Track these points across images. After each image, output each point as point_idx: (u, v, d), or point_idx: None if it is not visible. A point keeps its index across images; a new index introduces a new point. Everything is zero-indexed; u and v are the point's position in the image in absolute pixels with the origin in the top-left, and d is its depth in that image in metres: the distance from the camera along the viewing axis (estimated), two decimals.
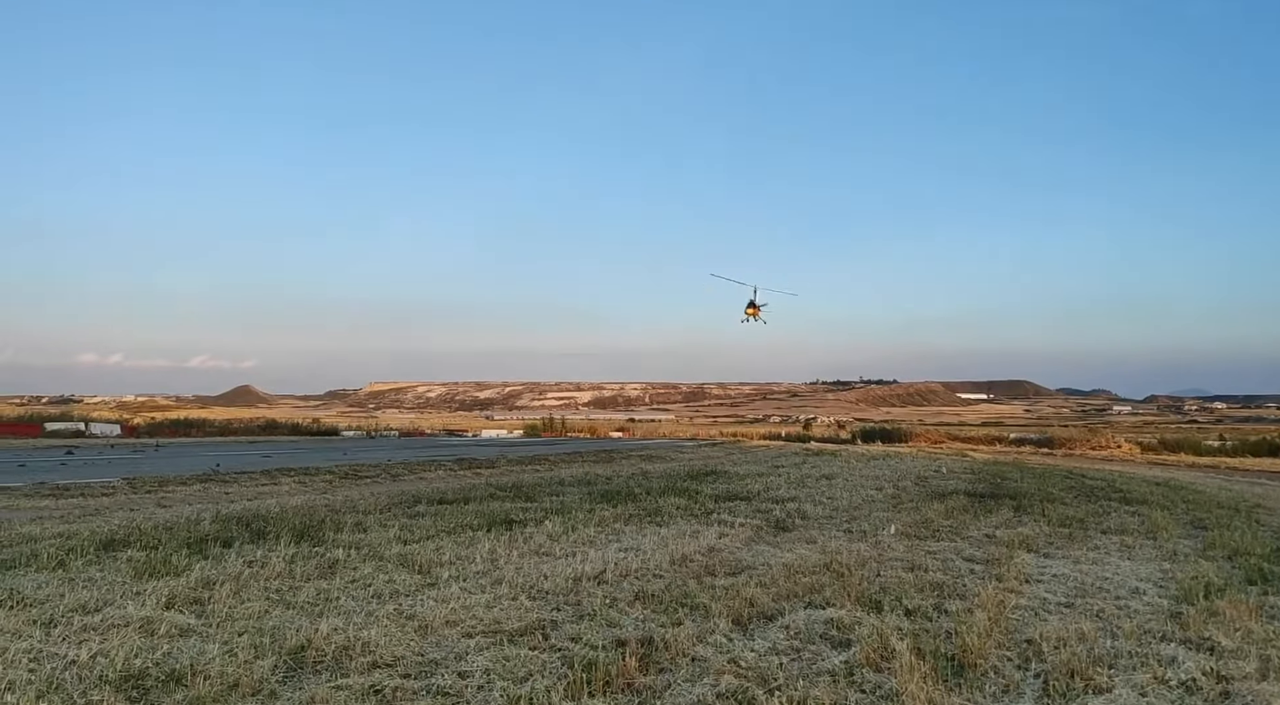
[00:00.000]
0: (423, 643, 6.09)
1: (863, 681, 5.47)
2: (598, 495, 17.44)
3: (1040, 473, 31.76)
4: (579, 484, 21.00)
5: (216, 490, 18.72)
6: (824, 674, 5.60)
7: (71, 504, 15.22)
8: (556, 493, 18.29)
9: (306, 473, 24.35)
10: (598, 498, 16.88)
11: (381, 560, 9.35)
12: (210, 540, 10.29)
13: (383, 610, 6.91)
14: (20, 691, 4.71)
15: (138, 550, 9.45)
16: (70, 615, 6.47)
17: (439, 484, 21.29)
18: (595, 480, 22.44)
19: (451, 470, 27.54)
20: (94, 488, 18.32)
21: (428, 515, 13.65)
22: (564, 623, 6.76)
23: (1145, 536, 13.17)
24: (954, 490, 21.20)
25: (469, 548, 10.30)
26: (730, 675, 5.49)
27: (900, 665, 5.63)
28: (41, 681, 4.91)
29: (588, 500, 16.34)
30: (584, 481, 21.90)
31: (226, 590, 7.40)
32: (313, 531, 11.34)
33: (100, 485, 18.90)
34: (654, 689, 5.30)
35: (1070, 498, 19.83)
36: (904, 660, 5.69)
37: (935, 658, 5.89)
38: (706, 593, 7.97)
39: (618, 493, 17.94)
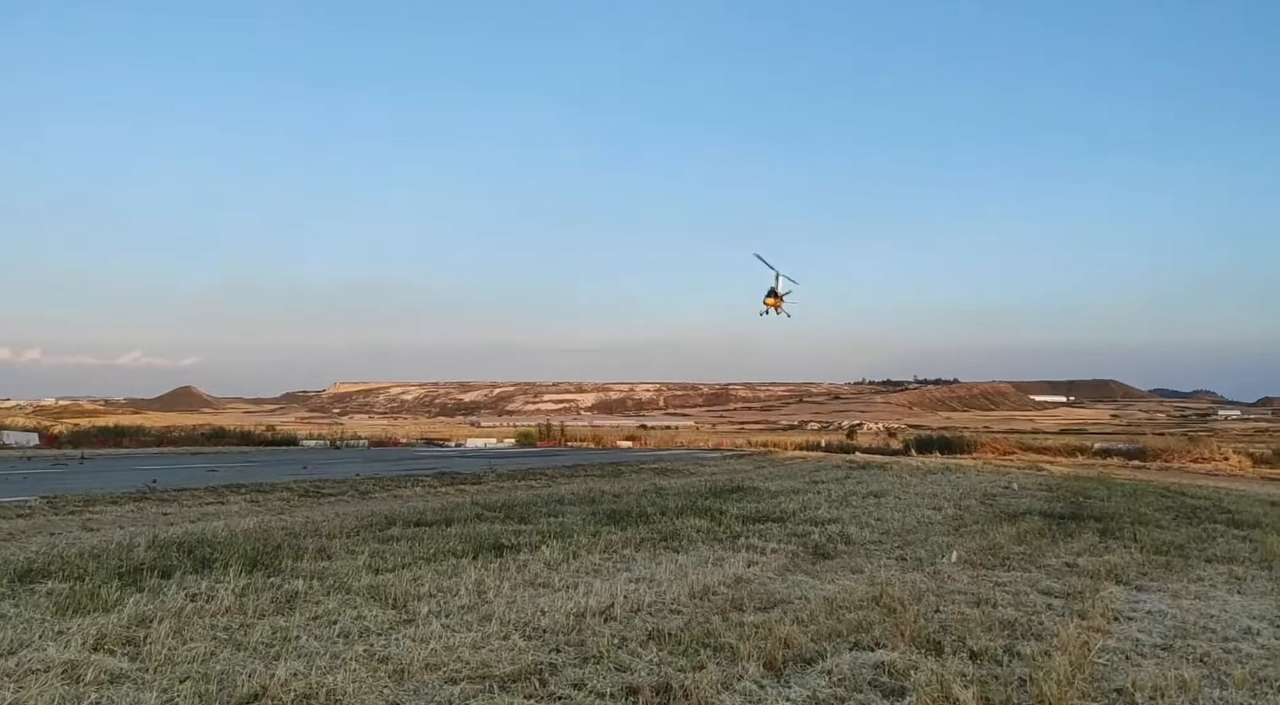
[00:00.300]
0: (398, 690, 6.12)
1: None
2: (603, 516, 17.48)
3: (1131, 490, 31.67)
4: (581, 502, 21.05)
5: (153, 510, 18.79)
6: None
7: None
8: (555, 513, 18.34)
9: (260, 489, 24.41)
10: (603, 519, 16.91)
11: (349, 593, 9.38)
12: (146, 570, 10.33)
13: (350, 651, 6.93)
14: None
15: (60, 582, 9.50)
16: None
17: (416, 503, 21.35)
18: (601, 498, 22.48)
19: (431, 486, 27.59)
20: (7, 508, 18.40)
21: (403, 539, 13.70)
22: (565, 666, 6.78)
23: (1259, 566, 13.12)
24: (1027, 510, 21.17)
25: (452, 578, 10.34)
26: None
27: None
28: None
29: (592, 522, 16.38)
30: (587, 499, 21.95)
31: (165, 628, 7.43)
32: (267, 559, 11.39)
33: (14, 504, 18.99)
34: None
35: (1167, 519, 19.79)
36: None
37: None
38: (733, 631, 7.97)
39: (627, 513, 17.97)
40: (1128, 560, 13.28)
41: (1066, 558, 13.47)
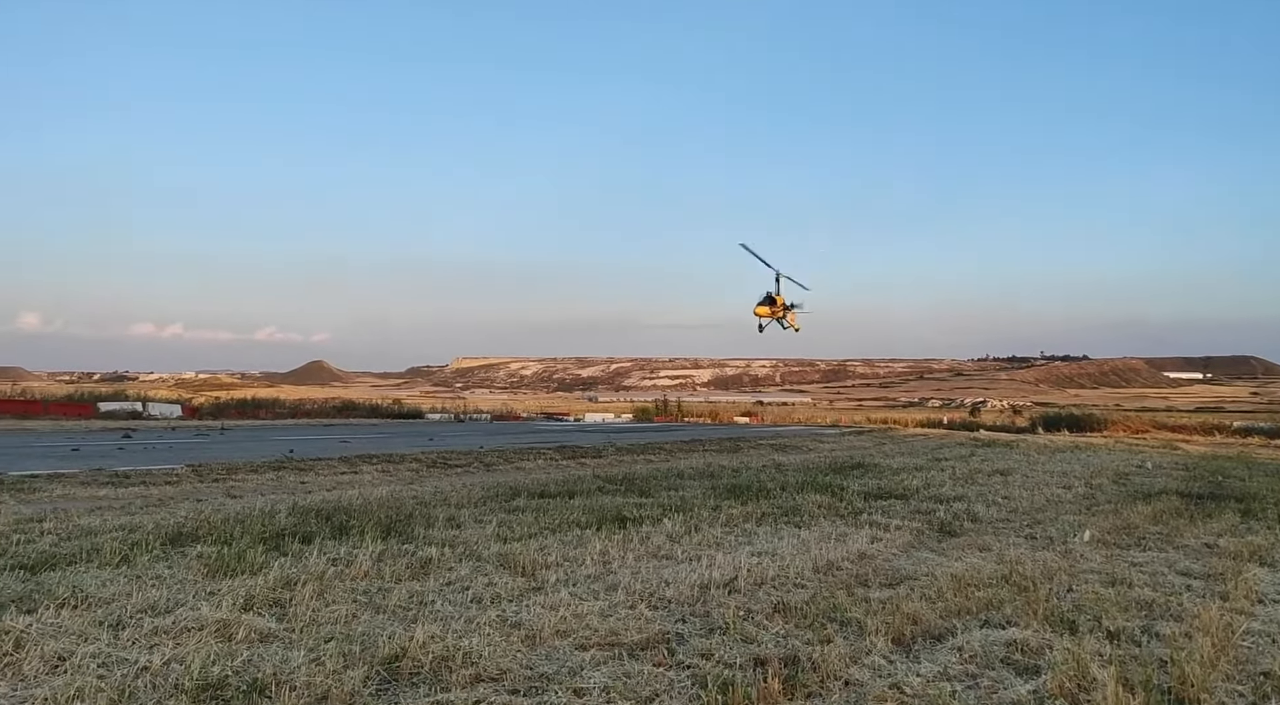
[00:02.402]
0: (531, 655, 6.26)
1: None
2: (723, 490, 17.51)
3: (1274, 469, 30.24)
4: (701, 477, 21.12)
5: (291, 479, 19.57)
6: None
7: (133, 493, 16.13)
8: (675, 487, 18.45)
9: (390, 460, 25.17)
10: (723, 493, 16.95)
11: (479, 560, 9.63)
12: (288, 535, 10.76)
13: (484, 617, 7.12)
14: (90, 700, 5.04)
15: (208, 545, 9.96)
16: (139, 616, 6.87)
17: (539, 475, 21.74)
18: (720, 473, 22.52)
19: (552, 459, 28.04)
20: (156, 475, 19.36)
21: (528, 510, 13.97)
22: (691, 636, 6.83)
23: None
24: (1162, 489, 20.41)
25: (577, 548, 10.50)
26: (893, 703, 5.45)
27: (1103, 698, 5.48)
28: (112, 689, 5.23)
29: (712, 496, 16.43)
30: (706, 474, 22.02)
31: (309, 591, 7.74)
32: (401, 527, 11.76)
33: (163, 473, 19.97)
34: None
35: None
36: (1108, 691, 5.53)
37: (1147, 690, 5.70)
38: (859, 606, 7.92)
39: (747, 488, 17.96)
40: (1272, 541, 12.70)
41: (1206, 538, 12.97)
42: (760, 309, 43.87)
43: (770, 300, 43.58)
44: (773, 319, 43.95)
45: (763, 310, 43.90)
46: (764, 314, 43.99)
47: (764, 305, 43.82)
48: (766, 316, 43.98)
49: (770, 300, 43.58)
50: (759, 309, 43.54)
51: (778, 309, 43.71)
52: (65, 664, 5.68)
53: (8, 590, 7.56)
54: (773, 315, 43.65)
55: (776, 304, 43.55)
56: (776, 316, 43.72)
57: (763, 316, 44.11)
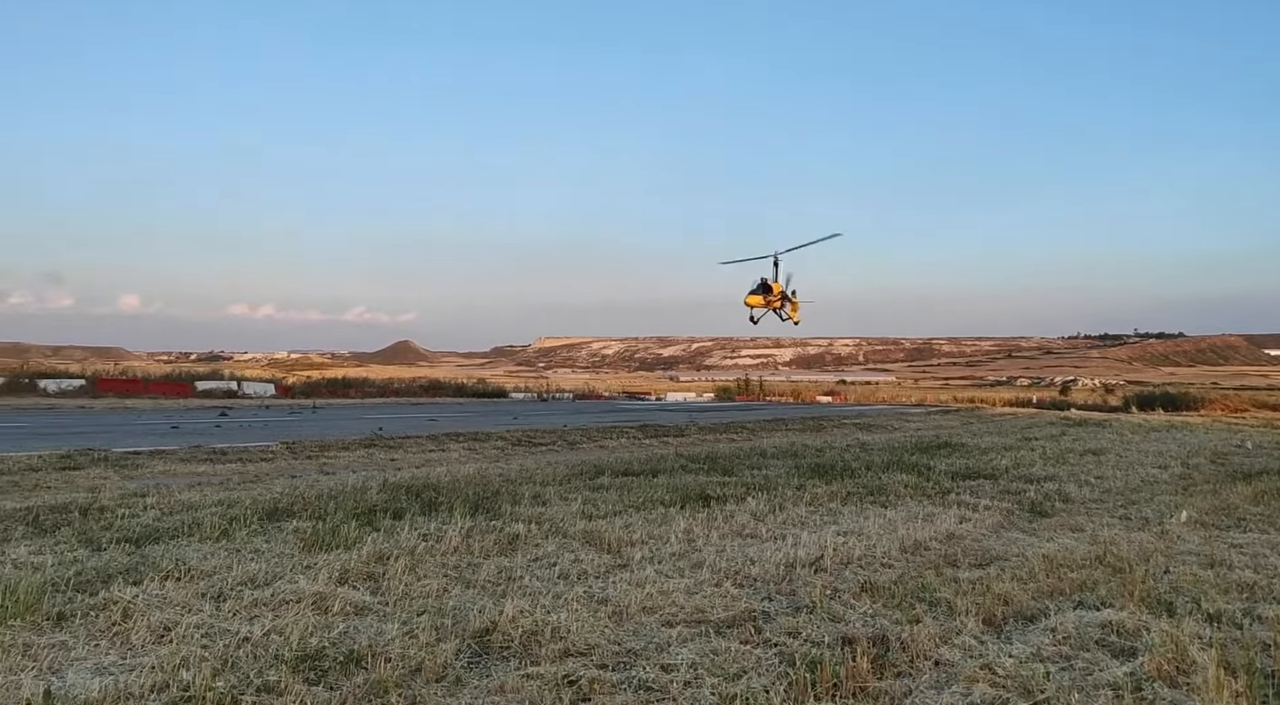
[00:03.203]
0: (618, 631, 6.31)
1: (1155, 698, 5.22)
2: (807, 469, 17.41)
3: None
4: (784, 456, 21.04)
5: (381, 456, 19.99)
6: (1104, 687, 5.38)
7: (230, 469, 16.64)
8: (758, 465, 18.41)
9: (476, 438, 25.53)
10: (807, 472, 16.85)
11: (565, 537, 9.73)
12: (379, 511, 11.00)
13: (571, 592, 7.19)
14: (195, 668, 5.20)
15: (304, 520, 10.22)
16: (240, 589, 7.07)
17: (622, 453, 21.86)
18: (803, 452, 22.41)
19: (635, 438, 28.18)
20: (252, 452, 19.91)
21: (612, 488, 14.06)
22: (778, 615, 6.82)
23: None
24: (1264, 469, 19.77)
25: (661, 526, 10.54)
26: (985, 684, 5.38)
27: (1204, 681, 5.34)
28: (216, 659, 5.40)
29: (796, 475, 16.35)
30: (790, 453, 21.92)
31: (401, 566, 7.90)
32: (488, 503, 11.93)
33: (258, 449, 20.53)
34: (892, 695, 5.27)
35: None
36: (1208, 675, 5.38)
37: (1249, 674, 5.53)
38: (948, 586, 7.82)
39: (831, 467, 17.84)
40: None
41: None
42: (752, 298, 39.27)
43: (765, 288, 39.04)
44: (768, 309, 39.64)
45: (755, 299, 39.28)
46: (756, 304, 39.35)
47: (756, 294, 39.20)
48: (760, 307, 39.41)
49: (765, 288, 39.04)
50: (750, 298, 39.09)
51: (774, 298, 39.27)
52: (170, 634, 5.88)
53: (115, 563, 7.84)
54: (768, 305, 39.30)
55: (773, 292, 39.13)
56: (773, 306, 39.49)
57: (755, 306, 39.43)
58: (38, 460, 16.55)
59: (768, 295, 38.58)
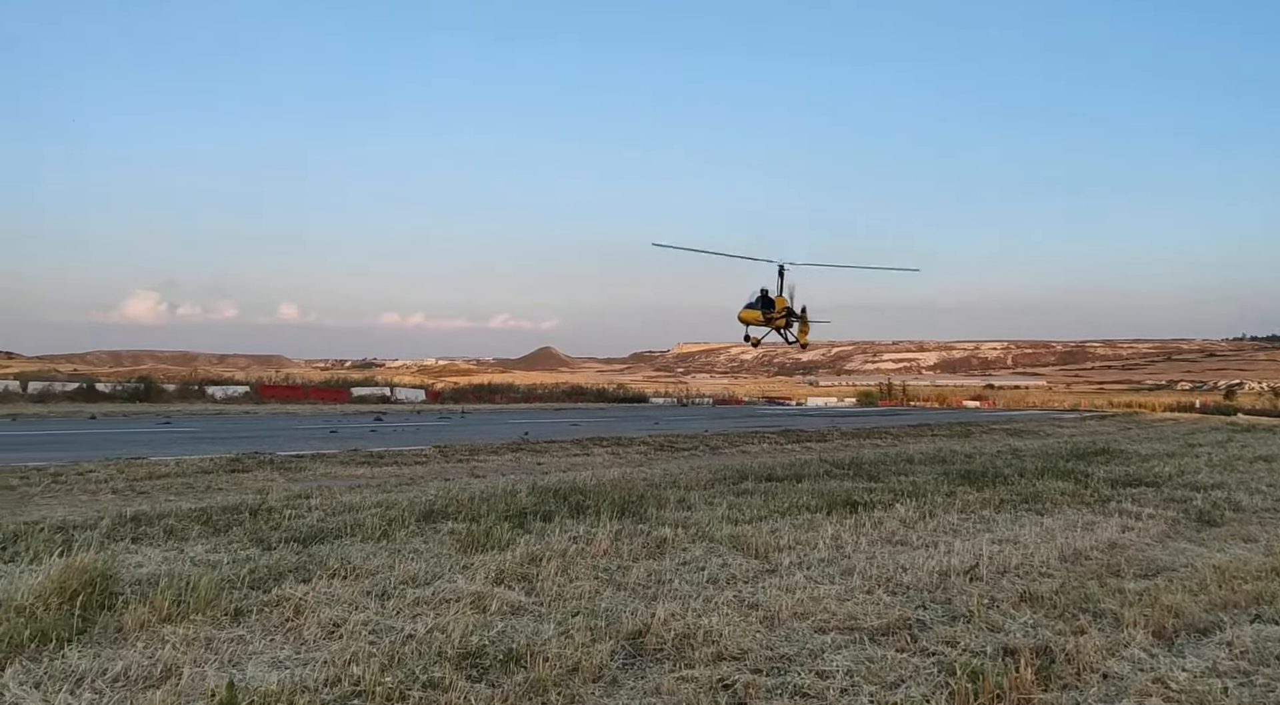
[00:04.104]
0: (770, 635, 6.28)
1: None
2: (956, 476, 16.98)
3: None
4: (931, 462, 20.57)
5: (528, 460, 20.40)
6: None
7: (386, 472, 17.24)
8: (905, 471, 18.05)
9: (619, 443, 25.81)
10: (956, 478, 16.43)
11: (712, 542, 9.73)
12: (529, 513, 11.20)
13: (721, 597, 7.19)
14: (364, 664, 5.40)
15: (458, 522, 10.51)
16: (402, 587, 7.32)
17: (764, 458, 21.76)
18: (951, 458, 21.87)
19: (776, 443, 28.03)
20: (406, 456, 20.58)
21: (757, 493, 14.00)
22: (934, 623, 6.67)
23: None
24: None
25: (809, 532, 10.45)
26: (1158, 698, 5.16)
27: None
28: (383, 655, 5.60)
29: (945, 481, 15.96)
30: (937, 459, 21.43)
31: (553, 567, 8.04)
32: (634, 507, 12.03)
33: (412, 453, 21.20)
34: None
35: None
36: None
37: None
38: (1112, 597, 7.53)
39: (982, 473, 17.35)
40: None
41: None
42: (748, 313, 33.22)
43: (765, 302, 33.05)
44: (770, 328, 33.83)
45: (751, 314, 33.24)
46: (753, 319, 33.31)
47: (754, 308, 33.16)
48: (757, 323, 33.42)
49: (765, 302, 33.05)
50: (745, 313, 33.15)
51: (776, 314, 33.24)
52: (339, 630, 6.13)
53: (285, 561, 8.21)
54: (769, 323, 33.44)
55: (775, 308, 33.15)
56: (775, 325, 33.54)
57: (751, 322, 33.39)
58: (209, 463, 17.50)
59: (768, 311, 33.07)
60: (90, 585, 6.54)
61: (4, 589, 6.69)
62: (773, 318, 33.00)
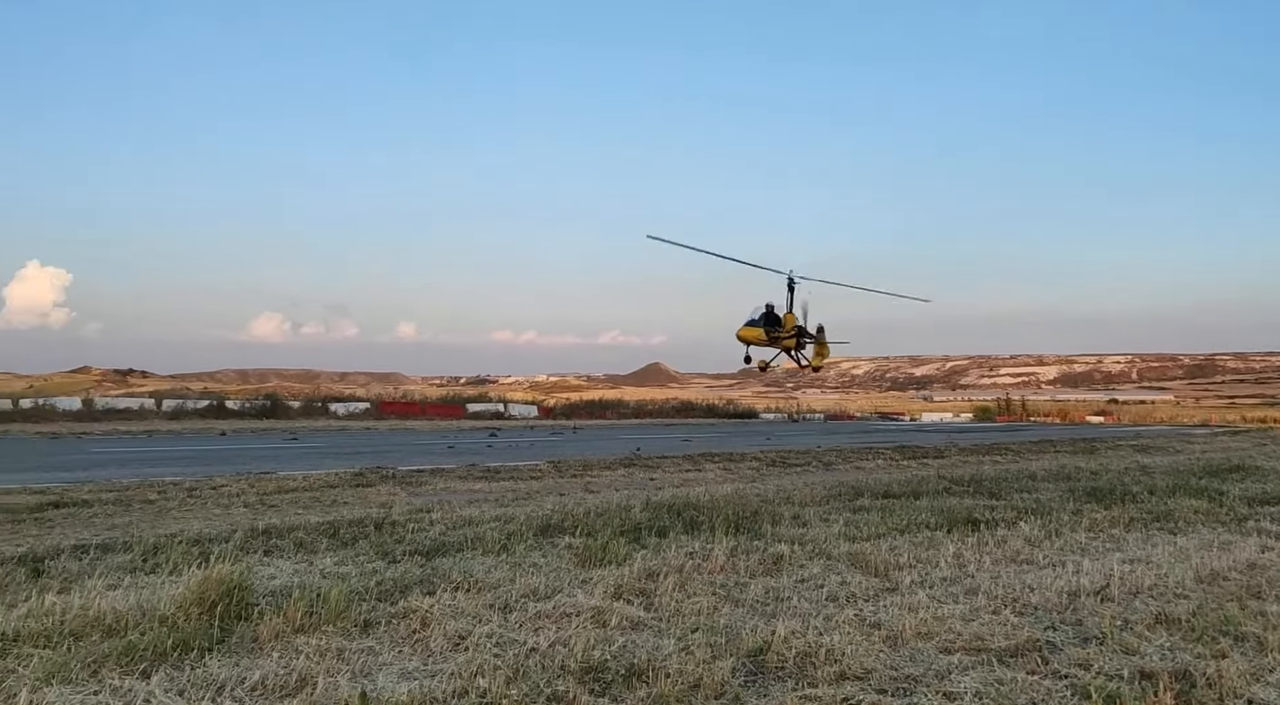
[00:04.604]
0: (894, 655, 6.17)
1: None
2: (1082, 493, 16.44)
3: None
4: (1055, 479, 19.97)
5: (640, 475, 20.50)
6: None
7: (503, 487, 17.52)
8: (1027, 489, 17.56)
9: (730, 458, 25.75)
10: (1082, 496, 15.91)
11: (830, 559, 9.62)
12: (644, 529, 11.25)
13: (842, 615, 7.10)
14: (490, 676, 5.48)
15: (575, 537, 10.59)
16: (523, 601, 7.42)
17: (880, 475, 21.42)
18: (1076, 475, 21.18)
19: (892, 459, 27.57)
20: (522, 471, 20.90)
21: (873, 510, 13.80)
22: (1065, 645, 6.47)
23: None
24: None
25: (929, 550, 10.25)
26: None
27: None
28: (508, 667, 5.67)
29: (1070, 499, 15.47)
30: (1061, 476, 20.78)
31: (671, 583, 8.06)
32: (748, 523, 11.98)
33: (528, 468, 21.53)
34: None
35: None
36: None
37: None
38: (1254, 620, 7.18)
39: (1109, 491, 16.75)
40: None
41: None
42: (748, 331, 29.42)
43: (769, 319, 29.17)
44: (778, 351, 29.96)
45: (752, 333, 29.39)
46: (754, 339, 29.47)
47: (755, 326, 29.30)
48: (760, 343, 29.59)
49: (769, 319, 29.17)
50: (746, 331, 29.39)
51: (784, 334, 29.10)
52: (465, 642, 6.24)
53: (409, 574, 8.42)
54: (775, 343, 29.50)
55: (783, 326, 29.07)
56: (784, 345, 29.47)
57: (752, 342, 29.56)
58: (334, 478, 18.07)
59: (774, 329, 29.15)
60: (227, 596, 6.79)
61: (147, 599, 7.01)
62: (780, 337, 29.28)
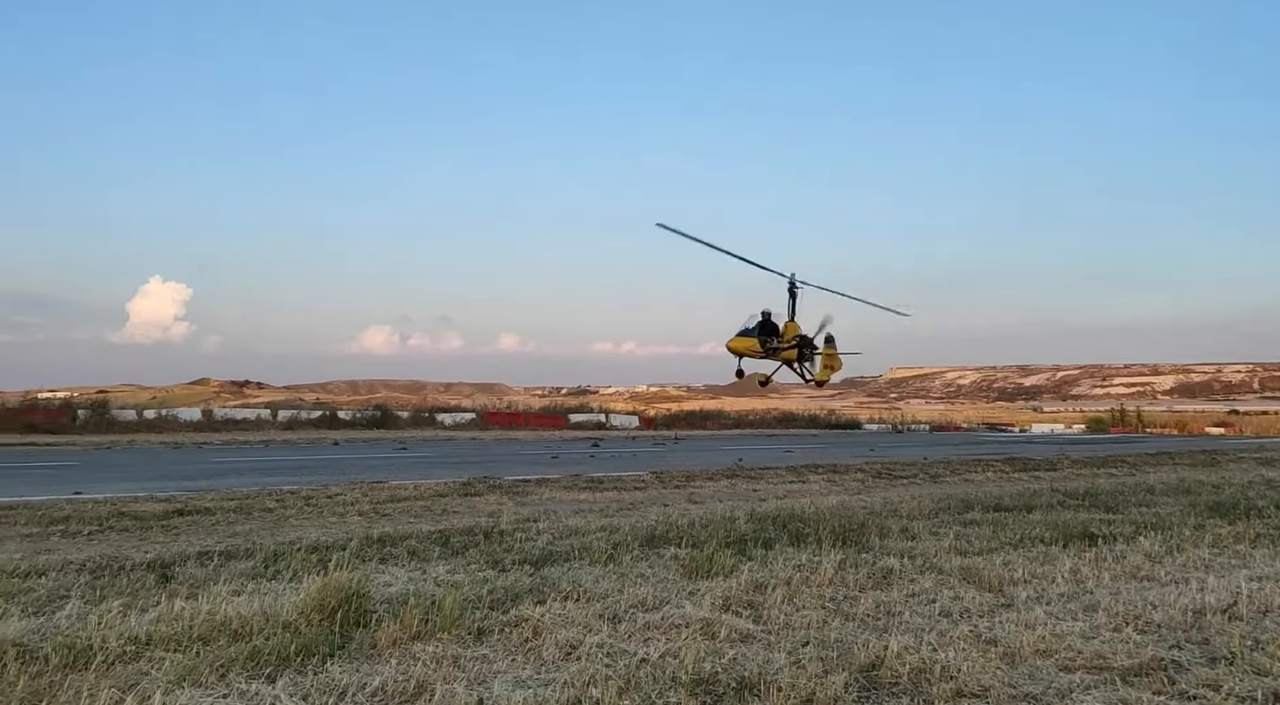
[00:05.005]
0: (1012, 673, 6.03)
1: None
2: (1204, 508, 15.82)
3: None
4: (1174, 493, 19.27)
5: (744, 487, 20.41)
6: None
7: (607, 497, 17.61)
8: (1145, 503, 16.99)
9: (834, 470, 25.47)
10: (1205, 510, 15.32)
11: (941, 573, 9.44)
12: (749, 541, 11.21)
13: (956, 631, 6.96)
14: (602, 686, 5.51)
15: (680, 548, 10.61)
16: (632, 612, 7.44)
17: (989, 487, 20.95)
18: (1197, 488, 20.40)
19: (1001, 471, 26.96)
20: (625, 481, 21.01)
21: (984, 524, 13.51)
22: (1191, 665, 6.24)
23: None
24: None
25: (1044, 565, 9.98)
26: None
27: None
28: (619, 678, 5.68)
29: (1191, 513, 14.91)
30: (1181, 489, 20.05)
31: (779, 595, 8.00)
32: (854, 536, 11.84)
33: (631, 478, 21.63)
34: None
35: None
36: None
37: None
38: None
39: (1232, 505, 16.10)
40: None
41: None
42: (739, 342, 26.02)
43: (766, 328, 25.88)
44: (779, 362, 26.52)
45: (744, 344, 25.99)
46: (746, 350, 26.07)
47: (749, 335, 25.97)
48: (754, 354, 26.25)
49: (766, 328, 25.88)
50: (737, 342, 26.00)
51: (784, 344, 25.90)
52: (576, 651, 6.29)
53: (519, 583, 8.52)
54: (772, 355, 26.23)
55: (782, 336, 25.88)
56: (785, 357, 26.18)
57: (743, 353, 26.17)
58: (443, 487, 18.43)
59: (771, 339, 26.00)
60: (346, 603, 6.97)
61: (270, 605, 7.23)
62: (778, 348, 26.14)
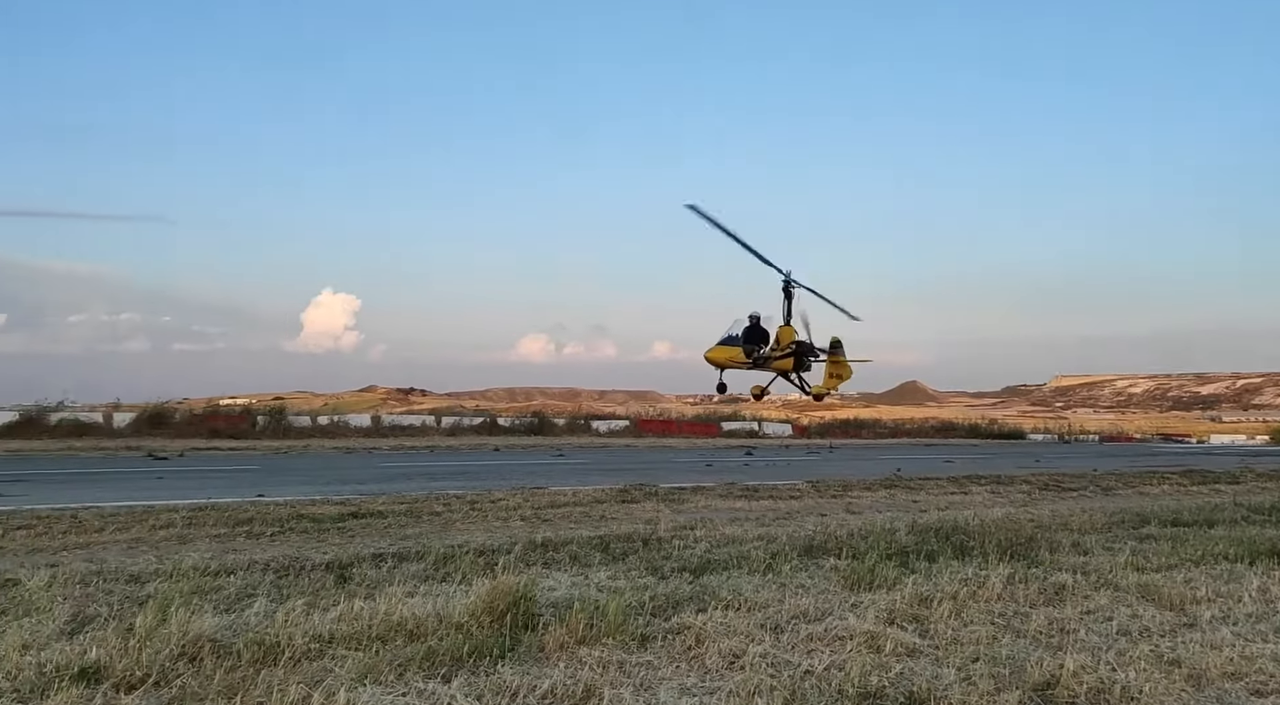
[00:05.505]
0: (1197, 696, 5.75)
1: None
2: None
3: None
4: None
5: (903, 497, 20.00)
6: None
7: (763, 506, 17.53)
8: None
9: (998, 481, 24.71)
10: None
11: (1117, 590, 9.05)
12: (911, 553, 10.97)
13: (1135, 650, 6.66)
14: (767, 696, 5.49)
15: (840, 558, 10.46)
16: (794, 622, 7.37)
17: (1166, 501, 19.98)
18: None
19: (1179, 484, 25.69)
20: (780, 490, 20.85)
21: (1162, 539, 12.90)
22: None
23: None
24: None
25: (1229, 583, 9.46)
26: None
27: None
28: (784, 689, 5.65)
29: None
30: None
31: (945, 610, 7.80)
32: (1022, 550, 11.45)
33: (786, 487, 21.45)
34: None
35: None
36: None
37: None
38: None
39: None
40: None
41: None
42: (720, 351, 23.77)
43: (752, 335, 23.79)
44: (772, 372, 24.44)
45: (724, 353, 23.77)
46: (726, 360, 23.79)
47: (729, 345, 23.83)
48: (738, 365, 23.89)
49: (752, 335, 23.79)
50: (716, 352, 23.66)
51: (776, 353, 23.73)
52: (739, 661, 6.28)
53: (680, 590, 8.57)
54: (760, 365, 23.89)
55: (777, 343, 23.80)
56: (779, 367, 24.00)
57: (724, 364, 23.87)
58: (601, 494, 18.69)
59: (759, 347, 23.79)
60: (514, 606, 7.14)
61: (442, 606, 7.47)
62: (769, 357, 23.88)
